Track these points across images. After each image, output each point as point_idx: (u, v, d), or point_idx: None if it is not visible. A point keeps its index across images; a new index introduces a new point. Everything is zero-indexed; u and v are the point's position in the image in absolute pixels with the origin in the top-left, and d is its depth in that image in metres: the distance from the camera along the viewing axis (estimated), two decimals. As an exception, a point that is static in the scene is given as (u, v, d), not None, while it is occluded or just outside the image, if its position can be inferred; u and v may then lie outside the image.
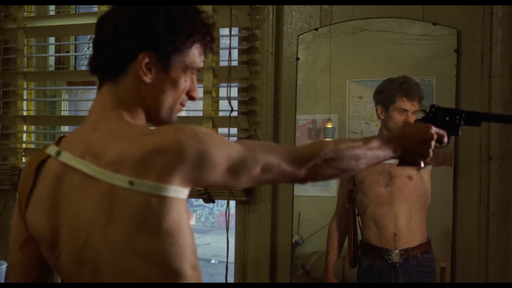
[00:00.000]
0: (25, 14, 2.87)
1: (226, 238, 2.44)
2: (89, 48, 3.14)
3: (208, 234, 9.89)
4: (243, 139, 2.41)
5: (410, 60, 2.29)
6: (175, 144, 1.06)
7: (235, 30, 2.54)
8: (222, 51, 2.58)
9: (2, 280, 2.60)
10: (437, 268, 2.23)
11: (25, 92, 2.92)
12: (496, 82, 2.18)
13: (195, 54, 1.21)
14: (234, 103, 2.49)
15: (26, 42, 2.88)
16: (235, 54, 2.55)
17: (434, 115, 1.59)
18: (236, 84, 2.53)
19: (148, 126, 1.23)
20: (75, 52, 3.15)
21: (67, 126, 3.02)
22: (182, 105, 1.25)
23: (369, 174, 2.25)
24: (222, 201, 2.53)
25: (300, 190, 2.38)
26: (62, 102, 3.06)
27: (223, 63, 2.52)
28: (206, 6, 2.41)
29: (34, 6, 2.93)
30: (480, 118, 1.65)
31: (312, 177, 1.29)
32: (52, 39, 3.04)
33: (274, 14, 2.43)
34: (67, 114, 3.10)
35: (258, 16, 2.47)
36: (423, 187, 2.25)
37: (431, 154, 1.47)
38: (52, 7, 2.99)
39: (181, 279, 1.10)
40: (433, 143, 1.47)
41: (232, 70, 2.47)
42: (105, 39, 1.19)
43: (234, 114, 2.48)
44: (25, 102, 2.91)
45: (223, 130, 2.50)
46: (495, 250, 2.18)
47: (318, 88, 2.40)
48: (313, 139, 2.39)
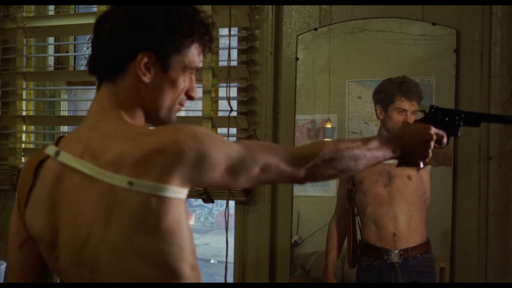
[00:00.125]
0: (24, 14, 2.87)
1: (226, 238, 2.44)
2: (88, 48, 3.13)
3: (207, 234, 9.89)
4: (243, 139, 2.41)
5: (410, 60, 2.29)
6: (174, 144, 1.06)
7: (235, 30, 2.54)
8: (222, 51, 2.58)
9: (1, 280, 2.60)
10: (436, 268, 2.23)
11: (24, 92, 2.92)
12: (495, 82, 2.18)
13: (194, 54, 1.21)
14: (234, 103, 2.49)
15: (25, 42, 2.88)
16: (235, 54, 2.55)
17: (434, 116, 1.59)
18: (235, 84, 2.53)
19: (147, 126, 1.23)
20: (74, 52, 3.15)
21: (67, 126, 3.02)
22: (181, 105, 1.25)
23: (368, 174, 2.25)
24: (222, 201, 2.53)
25: (299, 190, 2.37)
26: (62, 102, 3.06)
27: (223, 63, 2.52)
28: (205, 6, 2.42)
29: (33, 6, 2.93)
30: (479, 119, 1.65)
31: (311, 177, 1.28)
32: (51, 39, 3.04)
33: (273, 14, 2.43)
34: (67, 114, 3.10)
35: (257, 16, 2.47)
36: (423, 187, 2.25)
37: (431, 154, 1.47)
38: (51, 7, 2.99)
39: (180, 279, 1.10)
40: (432, 144, 1.47)
41: (231, 70, 2.47)
42: (103, 39, 1.19)
43: (234, 114, 2.48)
44: (24, 102, 2.91)
45: (223, 130, 2.50)
46: (495, 250, 2.18)
47: (317, 88, 2.40)
48: (312, 139, 2.39)
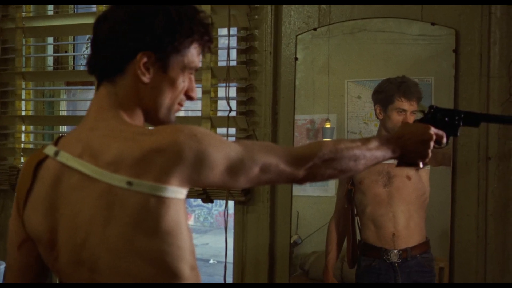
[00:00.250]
0: (23, 14, 2.86)
1: (225, 238, 2.44)
2: (87, 48, 3.13)
3: (206, 234, 9.89)
4: (242, 139, 2.41)
5: (409, 60, 2.29)
6: (174, 144, 1.06)
7: (234, 30, 2.54)
8: (221, 51, 2.58)
9: (0, 280, 2.59)
10: (435, 268, 2.23)
11: (23, 92, 2.92)
12: (494, 82, 2.18)
13: (194, 54, 1.21)
14: (233, 103, 2.49)
15: (24, 42, 2.88)
16: (234, 54, 2.55)
17: (433, 116, 1.59)
18: (234, 84, 2.53)
19: (146, 126, 1.23)
20: (74, 52, 3.15)
21: (66, 126, 3.02)
22: (181, 105, 1.25)
23: (368, 174, 2.25)
24: (221, 201, 2.53)
25: (298, 190, 2.37)
26: (61, 102, 3.06)
27: (222, 63, 2.52)
28: (204, 6, 2.41)
29: (32, 6, 2.93)
30: (479, 119, 1.64)
31: (311, 177, 1.28)
32: (50, 39, 3.04)
33: (272, 14, 2.43)
34: (66, 114, 3.10)
35: (256, 16, 2.47)
36: (422, 187, 2.25)
37: (430, 154, 1.47)
38: (50, 7, 2.99)
39: (179, 279, 1.10)
40: (432, 144, 1.46)
41: (230, 70, 2.47)
42: (103, 39, 1.19)
43: (233, 114, 2.48)
44: (23, 102, 2.91)
45: (222, 130, 2.50)
46: (494, 250, 2.18)
47: (316, 88, 2.40)
48: (311, 139, 2.39)
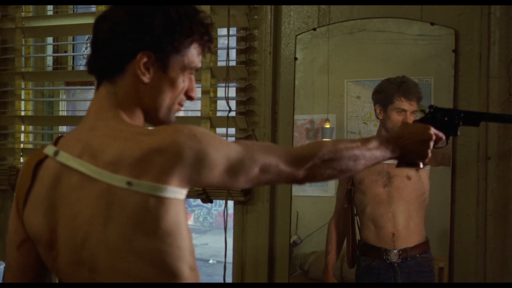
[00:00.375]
0: (23, 14, 2.86)
1: (224, 238, 2.44)
2: (87, 48, 3.13)
3: (206, 234, 9.89)
4: (241, 139, 2.41)
5: (408, 60, 2.29)
6: (174, 144, 1.06)
7: (233, 30, 2.54)
8: (220, 51, 2.58)
9: (0, 280, 2.59)
10: (435, 268, 2.23)
11: (23, 92, 2.92)
12: (494, 82, 2.18)
13: (194, 54, 1.21)
14: (232, 103, 2.49)
15: (24, 42, 2.88)
16: (233, 54, 2.55)
17: (433, 116, 1.59)
18: (234, 84, 2.53)
19: (146, 126, 1.23)
20: (73, 52, 3.15)
21: (65, 126, 3.01)
22: (181, 105, 1.25)
23: (367, 174, 2.25)
24: (220, 201, 2.53)
25: (298, 190, 2.37)
26: (60, 102, 3.06)
27: (221, 63, 2.52)
28: (204, 6, 2.41)
29: (32, 6, 2.93)
30: (478, 118, 1.64)
31: (310, 177, 1.28)
32: (50, 39, 3.04)
33: (272, 14, 2.43)
34: (65, 114, 3.10)
35: (256, 16, 2.47)
36: (422, 187, 2.25)
37: (430, 154, 1.47)
38: (50, 7, 2.99)
39: (179, 280, 1.10)
40: (432, 144, 1.46)
41: (230, 70, 2.47)
42: (103, 39, 1.19)
43: (232, 114, 2.48)
44: (23, 102, 2.91)
45: (221, 130, 2.50)
46: (493, 250, 2.18)
47: (316, 88, 2.40)
48: (311, 139, 2.39)
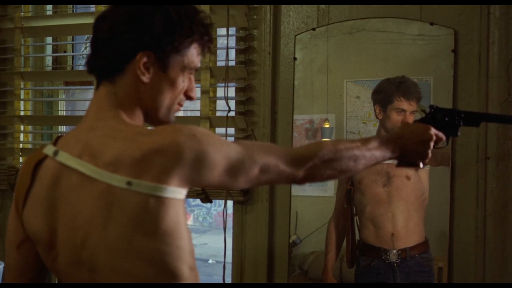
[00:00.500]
0: (22, 14, 2.86)
1: (224, 238, 2.44)
2: (86, 48, 3.13)
3: (205, 234, 9.89)
4: (241, 139, 2.41)
5: (408, 60, 2.29)
6: (173, 144, 1.06)
7: (233, 30, 2.54)
8: (220, 51, 2.58)
9: (-1, 280, 2.59)
10: (434, 267, 2.23)
11: (22, 92, 2.91)
12: (493, 82, 2.18)
13: (193, 54, 1.21)
14: (232, 103, 2.50)
15: (23, 42, 2.88)
16: (233, 54, 2.55)
17: (433, 116, 1.58)
18: (233, 84, 2.53)
19: (146, 126, 1.23)
20: (72, 52, 3.15)
21: (65, 126, 3.01)
22: (180, 105, 1.24)
23: (367, 174, 2.25)
24: (220, 201, 2.53)
25: (297, 190, 2.37)
26: (60, 102, 3.06)
27: (221, 63, 2.52)
28: (203, 6, 2.41)
29: (31, 6, 2.93)
30: (479, 119, 1.64)
31: (310, 177, 1.28)
32: (49, 39, 3.04)
33: (271, 14, 2.43)
34: (65, 114, 3.10)
35: (255, 16, 2.47)
36: (421, 187, 2.25)
37: (430, 155, 1.47)
38: (49, 7, 2.99)
39: (178, 280, 1.10)
40: (432, 144, 1.46)
41: (229, 70, 2.47)
42: (102, 39, 1.19)
43: (232, 114, 2.48)
44: (22, 102, 2.91)
45: (221, 130, 2.50)
46: (492, 250, 2.18)
47: (315, 88, 2.40)
48: (310, 139, 2.39)
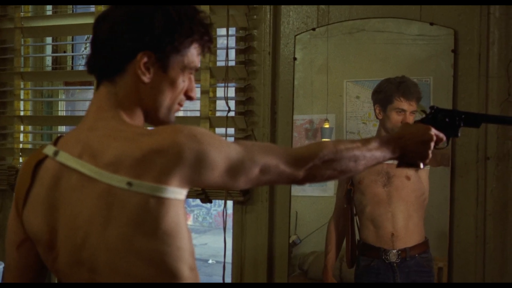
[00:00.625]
0: (22, 14, 2.86)
1: (224, 238, 2.44)
2: (86, 48, 3.13)
3: (205, 234, 9.89)
4: (241, 140, 2.41)
5: (408, 60, 2.29)
6: (174, 145, 1.06)
7: (232, 30, 2.54)
8: (220, 51, 2.58)
9: (-1, 280, 2.59)
10: (434, 268, 2.23)
11: (22, 92, 2.91)
12: (493, 82, 2.18)
13: (194, 54, 1.21)
14: (232, 103, 2.49)
15: (23, 42, 2.88)
16: (232, 54, 2.55)
17: (434, 116, 1.58)
18: (233, 84, 2.53)
19: (146, 126, 1.23)
20: (72, 52, 3.14)
21: (64, 126, 3.01)
22: (180, 105, 1.24)
23: (367, 174, 2.25)
24: (220, 201, 2.53)
25: (297, 190, 2.37)
26: (59, 102, 3.06)
27: (220, 63, 2.52)
28: (203, 6, 2.41)
29: (31, 6, 2.93)
30: (479, 120, 1.64)
31: (311, 178, 1.28)
32: (49, 39, 3.04)
33: (271, 14, 2.43)
34: (64, 114, 3.09)
35: (255, 16, 2.47)
36: (421, 187, 2.25)
37: (430, 155, 1.47)
38: (49, 7, 2.99)
39: (178, 280, 1.10)
40: (432, 145, 1.46)
41: (229, 70, 2.47)
42: (103, 39, 1.19)
43: (232, 114, 2.48)
44: (22, 102, 2.91)
45: (221, 130, 2.50)
46: (492, 250, 2.18)
47: (315, 88, 2.40)
48: (310, 139, 2.39)
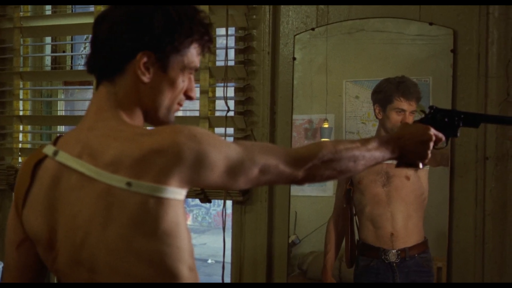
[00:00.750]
0: (21, 13, 2.86)
1: (223, 238, 2.44)
2: (85, 48, 3.13)
3: (204, 234, 9.90)
4: (240, 140, 2.41)
5: (407, 60, 2.29)
6: (173, 145, 1.06)
7: (232, 30, 2.54)
8: (219, 51, 2.58)
9: (-2, 280, 2.59)
10: (433, 267, 2.23)
11: (21, 92, 2.91)
12: (492, 82, 2.18)
13: (193, 54, 1.21)
14: (231, 103, 2.49)
15: (22, 42, 2.87)
16: (232, 54, 2.55)
17: (433, 116, 1.58)
18: (232, 84, 2.53)
19: (145, 126, 1.23)
20: (72, 52, 3.14)
21: (64, 126, 3.01)
22: (180, 105, 1.25)
23: (366, 174, 2.25)
24: (219, 201, 2.53)
25: (296, 190, 2.37)
26: (59, 102, 3.06)
27: (220, 63, 2.52)
28: (202, 6, 2.41)
29: (30, 6, 2.92)
30: (478, 120, 1.64)
31: (310, 178, 1.28)
32: (48, 39, 3.04)
33: (270, 14, 2.43)
34: (64, 114, 3.09)
35: (254, 16, 2.47)
36: (421, 187, 2.25)
37: (430, 155, 1.47)
38: (48, 7, 2.98)
39: (178, 280, 1.10)
40: (431, 145, 1.46)
41: (228, 70, 2.47)
42: (102, 39, 1.19)
43: (231, 114, 2.48)
44: (21, 102, 2.91)
45: (220, 130, 2.50)
46: (491, 250, 2.18)
47: (314, 88, 2.40)
48: (309, 139, 2.39)
